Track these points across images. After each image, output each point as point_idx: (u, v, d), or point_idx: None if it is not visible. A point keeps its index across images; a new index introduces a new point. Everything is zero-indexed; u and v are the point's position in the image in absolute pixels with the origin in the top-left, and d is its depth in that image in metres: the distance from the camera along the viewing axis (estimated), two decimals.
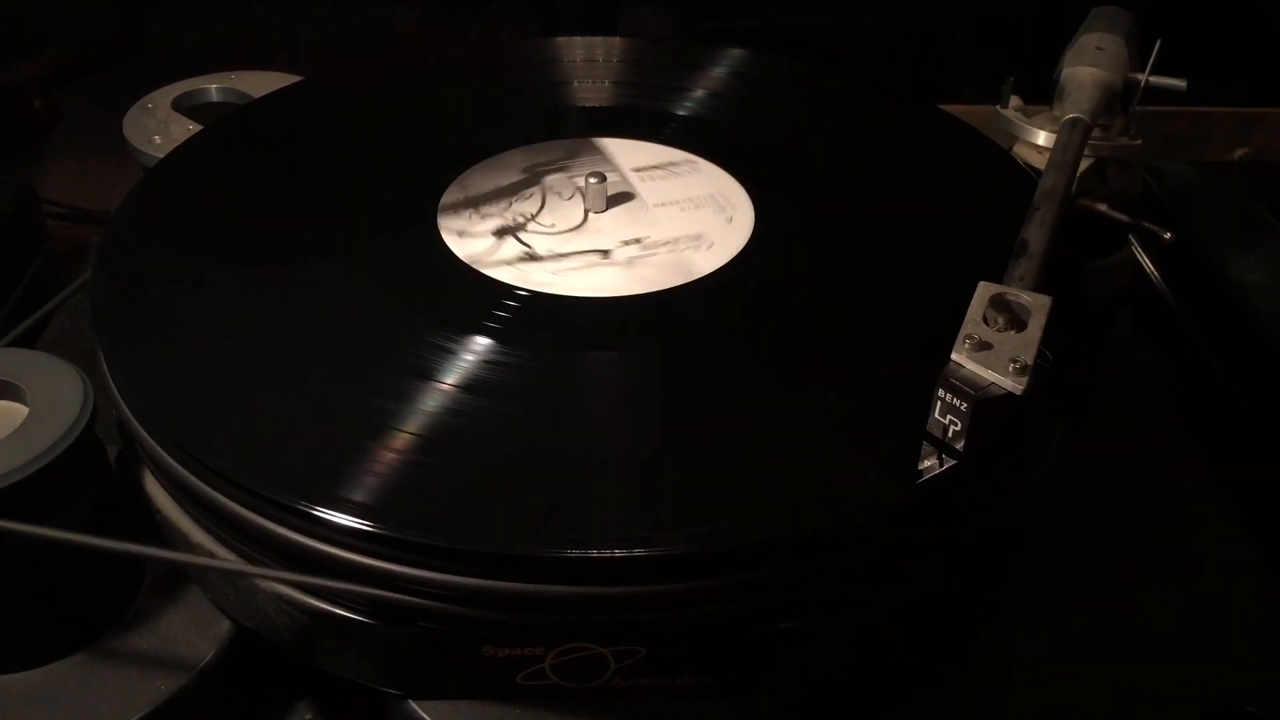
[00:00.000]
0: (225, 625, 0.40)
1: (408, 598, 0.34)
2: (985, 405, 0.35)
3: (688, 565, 0.33)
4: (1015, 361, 0.36)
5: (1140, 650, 0.45)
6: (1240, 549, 0.50)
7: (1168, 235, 0.51)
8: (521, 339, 0.41)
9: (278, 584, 0.36)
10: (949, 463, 0.36)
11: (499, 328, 0.41)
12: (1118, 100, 0.55)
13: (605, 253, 0.46)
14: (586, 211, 0.48)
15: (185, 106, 0.65)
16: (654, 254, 0.46)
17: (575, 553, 0.33)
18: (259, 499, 0.36)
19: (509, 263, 0.45)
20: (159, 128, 0.62)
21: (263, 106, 0.59)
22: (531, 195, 0.49)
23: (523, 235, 0.47)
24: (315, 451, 0.37)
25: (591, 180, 0.47)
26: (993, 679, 0.44)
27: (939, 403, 0.36)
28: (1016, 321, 0.39)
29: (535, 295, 0.43)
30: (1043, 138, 0.55)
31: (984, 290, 0.39)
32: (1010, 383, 0.35)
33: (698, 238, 0.46)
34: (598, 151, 0.52)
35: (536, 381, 0.39)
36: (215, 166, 0.52)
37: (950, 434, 0.36)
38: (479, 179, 0.51)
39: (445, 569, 0.34)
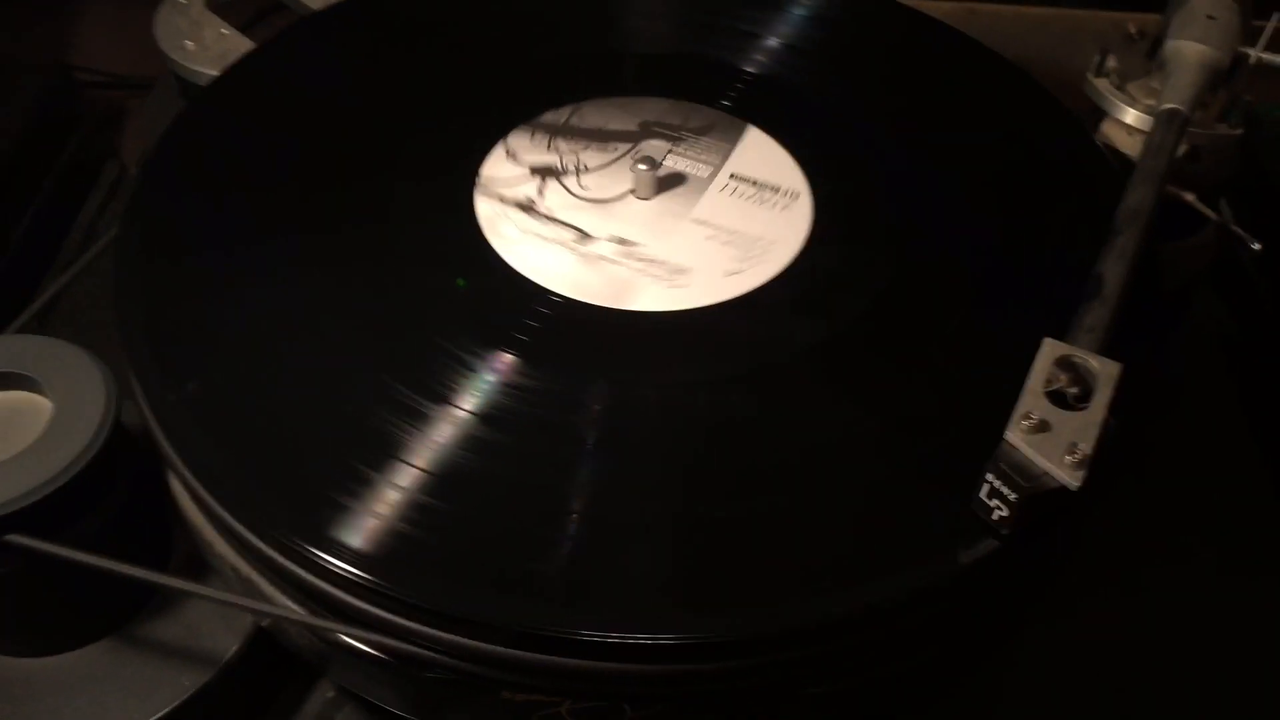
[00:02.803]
0: (249, 618, 0.41)
1: (416, 649, 0.34)
2: (1037, 497, 0.33)
3: (708, 651, 0.33)
4: (1074, 451, 0.33)
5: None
6: None
7: (1256, 245, 0.48)
8: (546, 364, 0.39)
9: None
10: (991, 544, 0.35)
11: (517, 350, 0.39)
12: (1223, 78, 0.50)
13: (585, 235, 0.44)
14: (631, 192, 0.45)
15: (221, 1, 0.62)
16: (620, 264, 0.43)
17: (594, 635, 0.32)
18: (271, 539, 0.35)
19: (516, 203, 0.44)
20: (192, 30, 0.59)
21: (317, 24, 0.54)
22: (607, 151, 0.47)
23: (552, 185, 0.45)
24: (327, 491, 0.36)
25: (641, 167, 0.44)
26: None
27: (986, 484, 0.34)
28: (1081, 383, 0.36)
29: (566, 304, 0.41)
30: (1132, 116, 0.51)
31: (1049, 351, 0.36)
32: (1066, 476, 0.33)
33: (682, 272, 0.43)
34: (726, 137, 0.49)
35: (552, 412, 0.38)
36: (255, 106, 0.49)
37: (995, 518, 0.34)
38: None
39: (455, 631, 0.33)
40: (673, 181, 0.45)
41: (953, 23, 0.84)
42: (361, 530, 0.35)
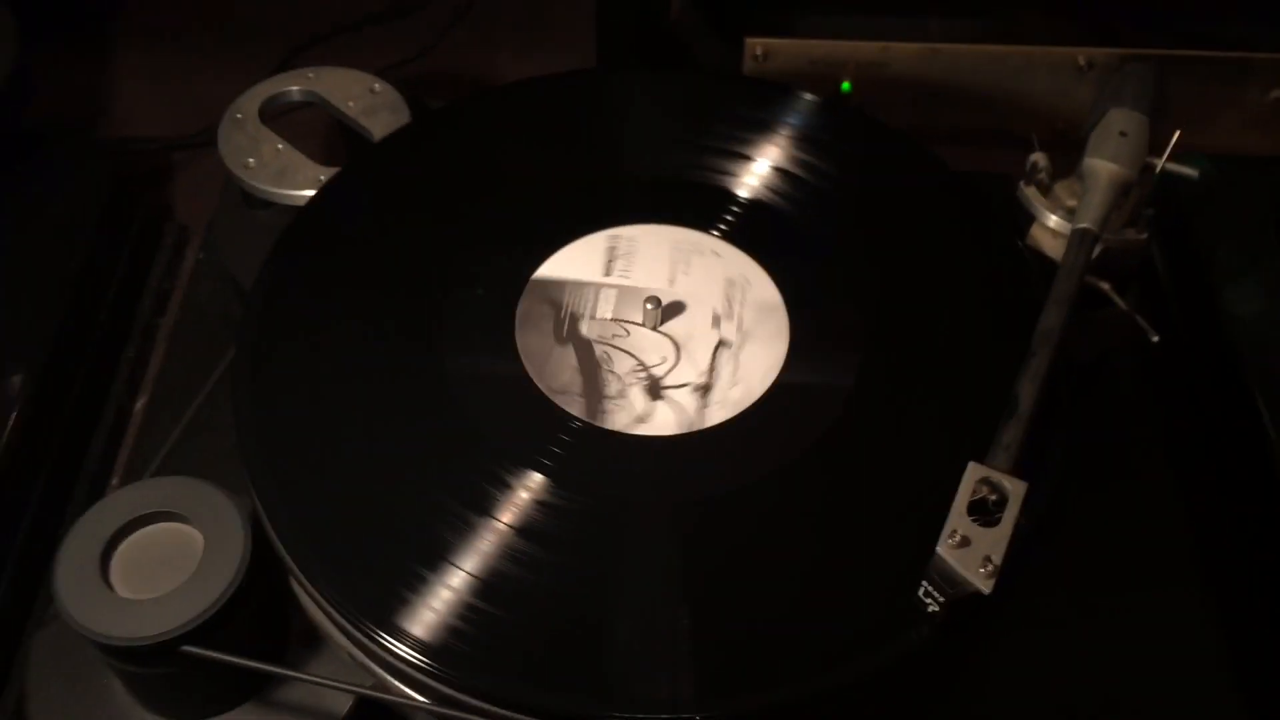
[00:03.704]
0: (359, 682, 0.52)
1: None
2: (959, 601, 0.44)
3: None
4: (987, 564, 0.44)
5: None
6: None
7: (1155, 338, 0.58)
8: (572, 483, 0.50)
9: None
10: (929, 630, 0.46)
11: (552, 465, 0.50)
12: (1132, 185, 0.59)
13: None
14: (641, 325, 0.55)
15: (270, 110, 0.70)
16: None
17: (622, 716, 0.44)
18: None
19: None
20: (251, 147, 0.68)
21: (378, 153, 0.64)
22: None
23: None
24: (398, 589, 0.47)
25: (648, 305, 0.54)
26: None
27: (923, 586, 0.45)
28: (998, 493, 0.47)
29: (587, 430, 0.51)
30: (1054, 221, 0.60)
31: (972, 473, 0.47)
32: (980, 584, 0.44)
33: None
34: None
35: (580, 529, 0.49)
36: (331, 241, 0.59)
37: (930, 611, 0.45)
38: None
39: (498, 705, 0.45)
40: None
41: (917, 62, 0.93)
42: (421, 622, 0.46)
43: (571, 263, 0.58)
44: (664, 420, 0.52)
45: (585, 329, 0.55)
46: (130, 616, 0.46)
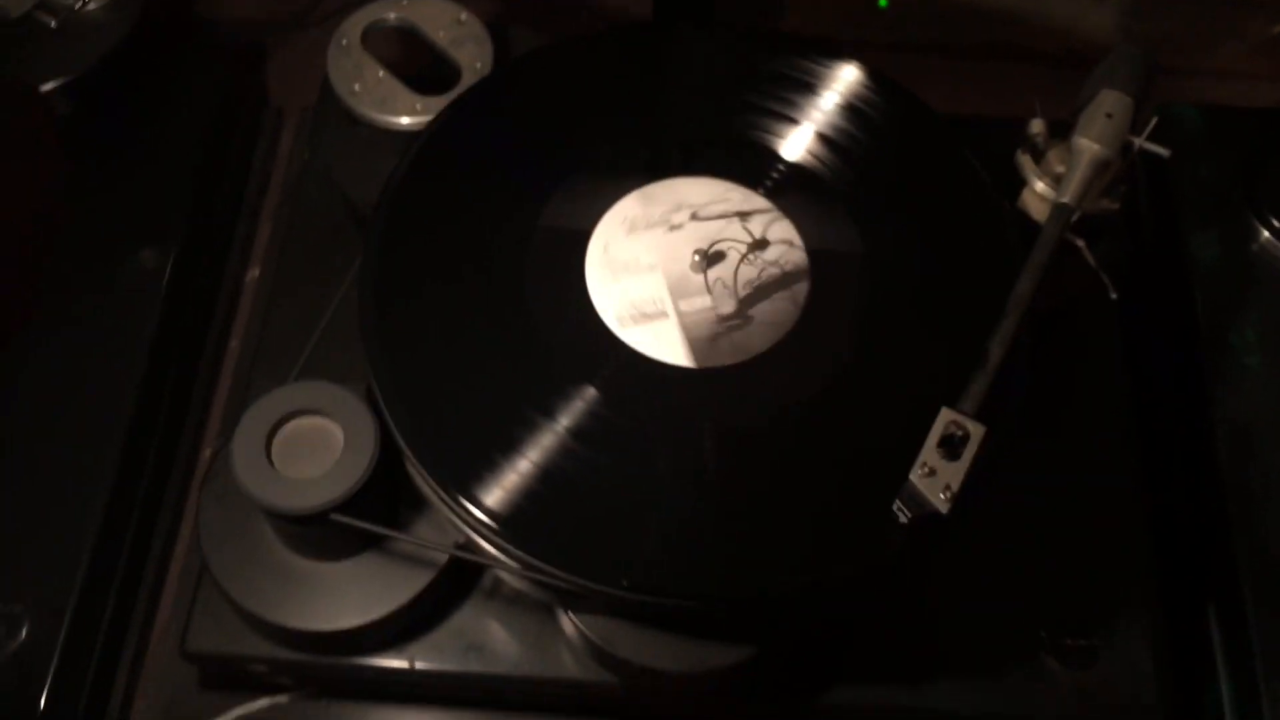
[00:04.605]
0: (454, 540, 0.67)
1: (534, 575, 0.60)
2: (924, 517, 0.58)
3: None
4: (947, 490, 0.58)
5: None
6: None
7: (1114, 295, 0.69)
8: (619, 403, 0.63)
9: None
10: (902, 532, 0.60)
11: (604, 382, 0.63)
12: (1112, 162, 0.69)
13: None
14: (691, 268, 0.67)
15: (370, 36, 0.80)
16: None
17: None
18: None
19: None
20: (355, 72, 0.78)
21: (482, 94, 0.74)
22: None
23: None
24: (479, 470, 0.60)
25: (695, 256, 0.66)
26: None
27: (897, 502, 0.59)
28: (964, 430, 0.60)
29: (635, 357, 0.64)
30: (1041, 187, 0.71)
31: (944, 416, 0.60)
32: (940, 506, 0.58)
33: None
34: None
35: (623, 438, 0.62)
36: (441, 173, 0.70)
37: (902, 521, 0.59)
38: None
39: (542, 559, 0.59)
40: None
41: None
42: (493, 495, 0.60)
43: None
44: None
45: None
46: (293, 491, 0.60)
